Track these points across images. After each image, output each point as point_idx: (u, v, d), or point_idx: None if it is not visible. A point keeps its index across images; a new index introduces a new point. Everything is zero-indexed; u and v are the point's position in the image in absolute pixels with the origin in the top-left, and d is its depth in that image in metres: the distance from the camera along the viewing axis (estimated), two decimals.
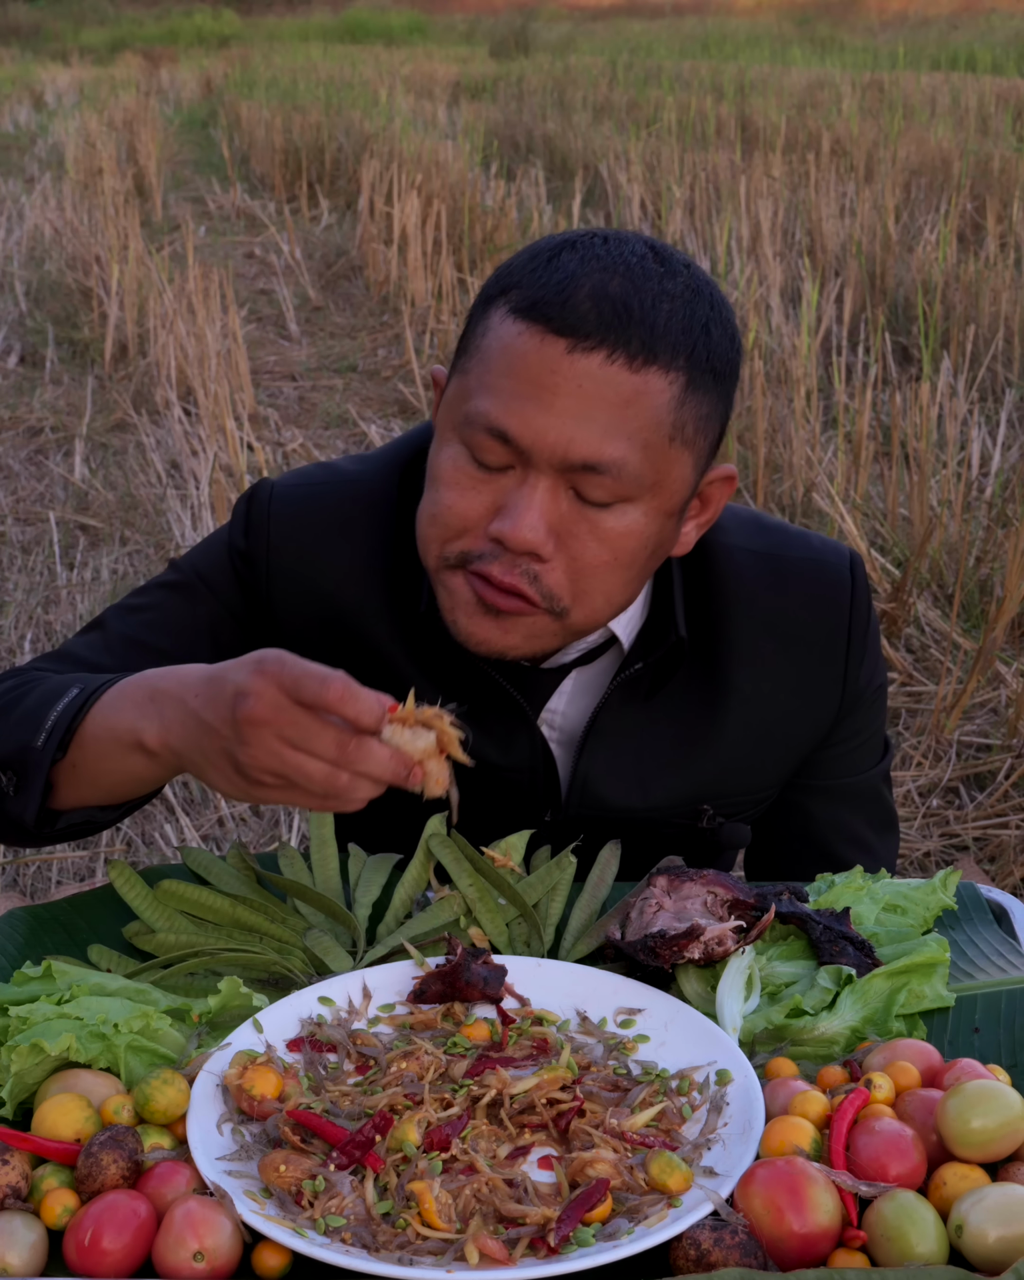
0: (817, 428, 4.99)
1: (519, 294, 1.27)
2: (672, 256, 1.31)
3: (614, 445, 1.25)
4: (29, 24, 28.42)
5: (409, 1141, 1.04)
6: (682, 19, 27.43)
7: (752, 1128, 1.06)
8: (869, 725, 1.58)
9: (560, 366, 1.24)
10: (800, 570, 1.50)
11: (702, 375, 1.28)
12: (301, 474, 1.54)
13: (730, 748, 1.49)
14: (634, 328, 1.24)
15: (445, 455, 1.31)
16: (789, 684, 1.49)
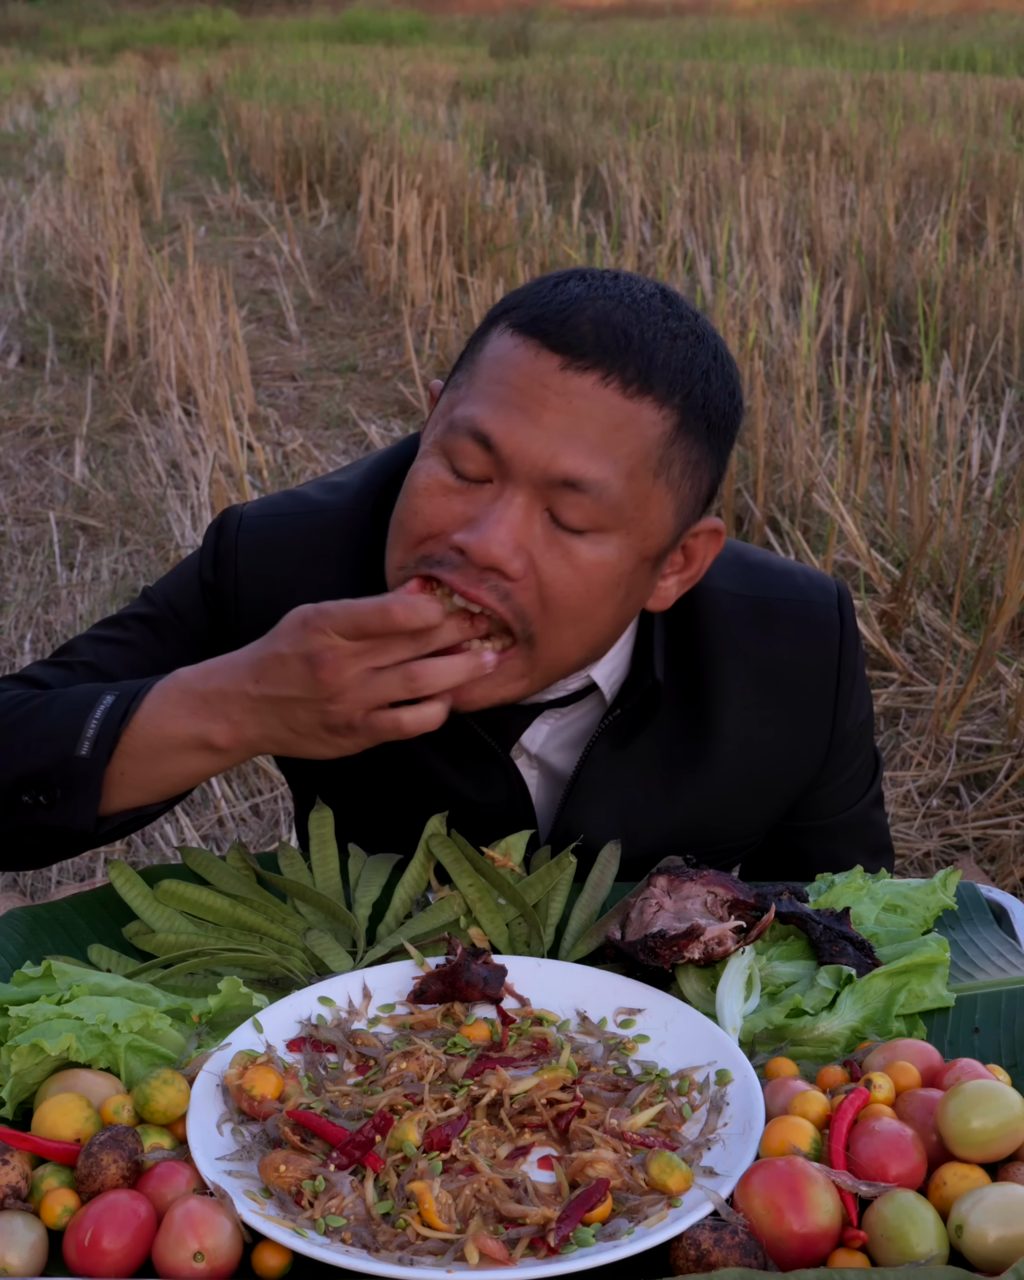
0: (817, 428, 4.99)
1: (521, 312, 1.26)
2: (680, 302, 1.29)
3: (599, 465, 1.23)
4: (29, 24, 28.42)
5: (409, 1141, 1.05)
6: (682, 19, 27.43)
7: (752, 1128, 1.06)
8: (858, 758, 1.57)
9: (552, 381, 1.22)
10: (787, 613, 1.48)
11: (695, 420, 1.26)
12: (269, 503, 1.52)
13: (715, 794, 1.47)
14: (632, 355, 1.22)
15: (422, 467, 1.29)
16: (776, 729, 1.47)
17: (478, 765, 1.47)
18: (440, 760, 1.47)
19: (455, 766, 1.47)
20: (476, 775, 1.48)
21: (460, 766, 1.47)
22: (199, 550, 1.52)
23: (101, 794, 1.31)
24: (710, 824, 1.49)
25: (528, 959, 1.29)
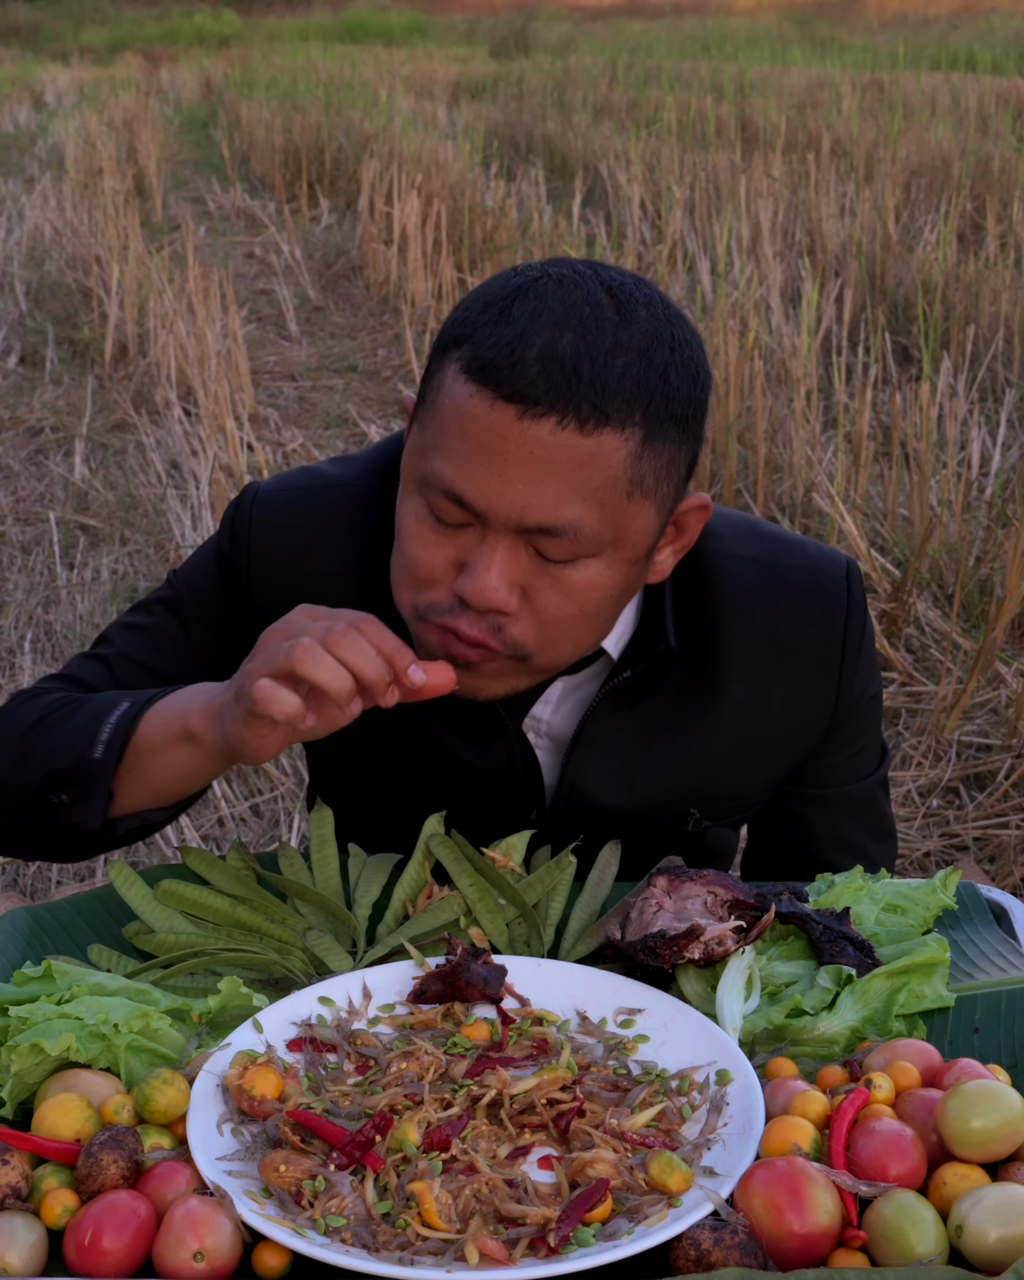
0: (817, 428, 4.99)
1: (471, 350, 1.24)
2: (630, 297, 1.26)
3: (569, 508, 1.24)
4: (29, 24, 28.42)
5: (409, 1142, 1.05)
6: (682, 19, 27.43)
7: (752, 1128, 1.06)
8: (865, 733, 1.58)
9: (511, 433, 1.22)
10: (797, 580, 1.49)
11: (660, 425, 1.25)
12: (285, 478, 1.55)
13: (720, 753, 1.49)
14: (584, 390, 1.21)
15: (408, 508, 1.31)
16: (782, 693, 1.49)
17: (480, 731, 1.49)
18: (442, 726, 1.49)
19: (459, 732, 1.48)
20: (477, 741, 1.49)
21: (464, 732, 1.48)
22: (218, 529, 1.56)
23: (113, 795, 1.37)
24: (714, 782, 1.50)
25: (528, 959, 1.29)
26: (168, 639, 1.54)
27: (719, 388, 4.99)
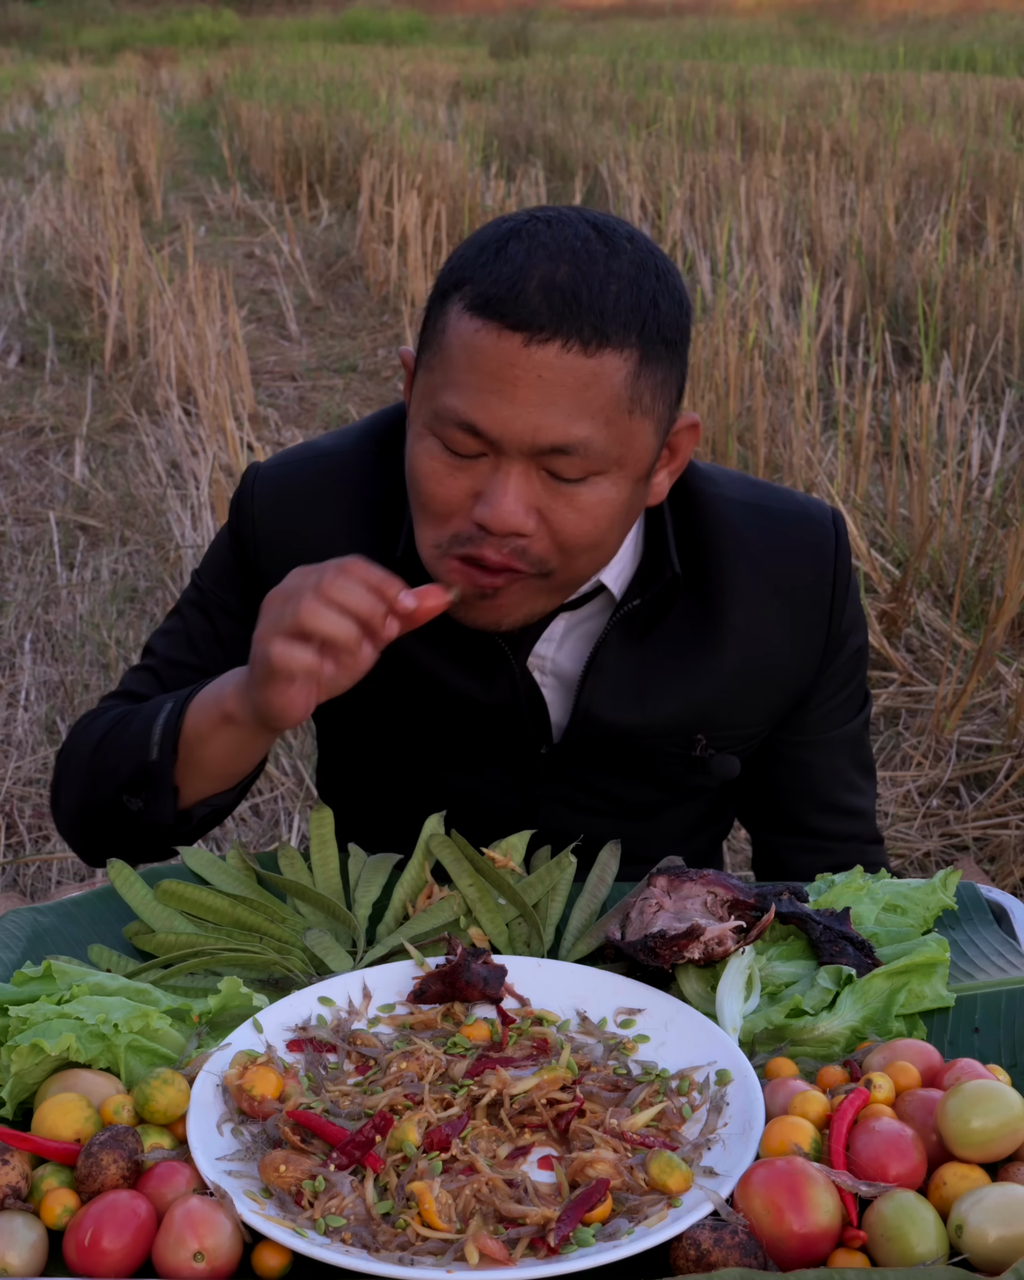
0: (817, 428, 4.99)
1: (473, 289, 1.32)
2: (614, 232, 1.35)
3: (578, 426, 1.31)
4: (29, 24, 28.41)
5: (409, 1141, 1.05)
6: (682, 19, 27.42)
7: (752, 1128, 1.06)
8: (854, 679, 1.66)
9: (519, 359, 1.29)
10: (788, 519, 1.58)
11: (654, 347, 1.33)
12: (284, 454, 1.65)
13: (725, 681, 1.55)
14: (585, 314, 1.29)
15: (420, 449, 1.38)
16: (779, 625, 1.56)
17: (484, 667, 1.54)
18: (447, 665, 1.55)
19: (463, 668, 1.54)
20: (482, 676, 1.54)
21: (468, 668, 1.54)
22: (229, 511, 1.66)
23: (178, 790, 1.46)
24: (718, 710, 1.57)
25: (528, 959, 1.29)
26: (201, 636, 1.62)
27: (719, 388, 5.00)
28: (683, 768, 1.59)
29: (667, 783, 1.61)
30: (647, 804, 1.63)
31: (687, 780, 1.61)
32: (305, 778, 3.42)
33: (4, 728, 3.72)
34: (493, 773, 1.59)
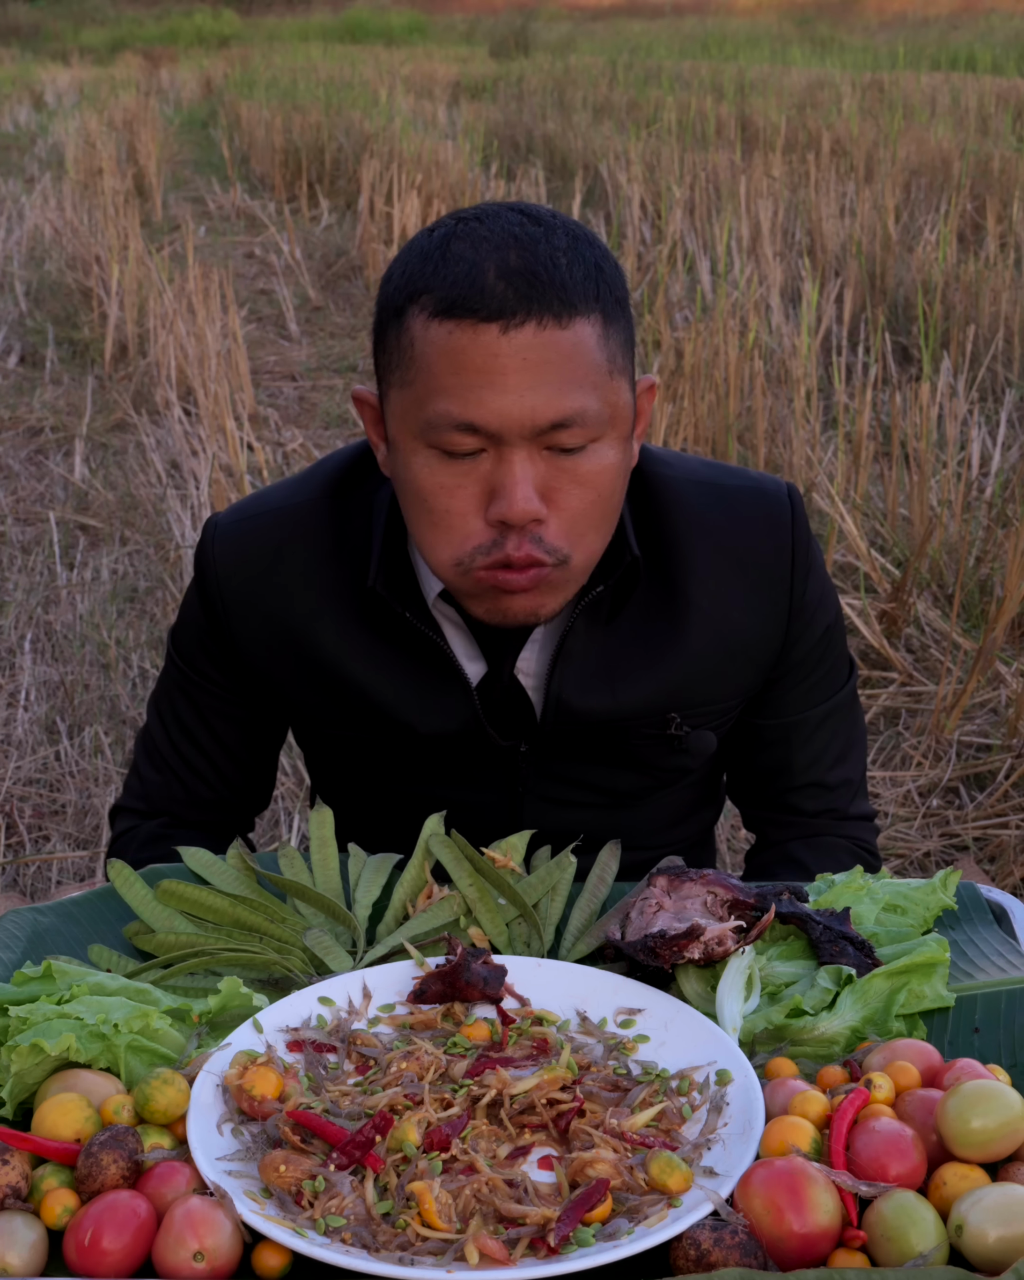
0: (817, 428, 4.99)
1: (433, 297, 1.34)
2: (539, 213, 1.39)
3: (571, 398, 1.34)
4: (29, 24, 28.41)
5: (409, 1141, 1.05)
6: (682, 19, 27.41)
7: (752, 1128, 1.06)
8: (829, 655, 1.67)
9: (500, 348, 1.32)
10: (742, 496, 1.60)
11: (610, 307, 1.38)
12: (238, 509, 1.65)
13: (694, 658, 1.57)
14: (549, 290, 1.32)
15: (417, 466, 1.39)
16: (741, 599, 1.58)
17: (442, 696, 1.56)
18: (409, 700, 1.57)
19: (422, 701, 1.57)
20: (443, 708, 1.56)
21: (426, 701, 1.57)
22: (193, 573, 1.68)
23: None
24: (689, 688, 1.59)
25: (528, 959, 1.29)
26: (192, 721, 1.68)
27: (719, 388, 5.00)
28: (661, 748, 1.61)
29: (647, 765, 1.62)
30: (631, 791, 1.64)
31: (667, 761, 1.62)
32: (305, 778, 3.42)
33: (4, 728, 3.72)
34: (474, 778, 1.61)
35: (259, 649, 1.61)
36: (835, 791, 1.72)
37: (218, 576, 1.61)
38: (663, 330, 5.46)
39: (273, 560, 1.59)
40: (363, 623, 1.56)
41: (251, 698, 1.66)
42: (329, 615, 1.57)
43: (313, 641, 1.58)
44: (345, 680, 1.57)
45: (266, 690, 1.64)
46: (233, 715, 1.68)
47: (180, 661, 1.68)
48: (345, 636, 1.57)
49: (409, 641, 1.55)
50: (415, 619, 1.52)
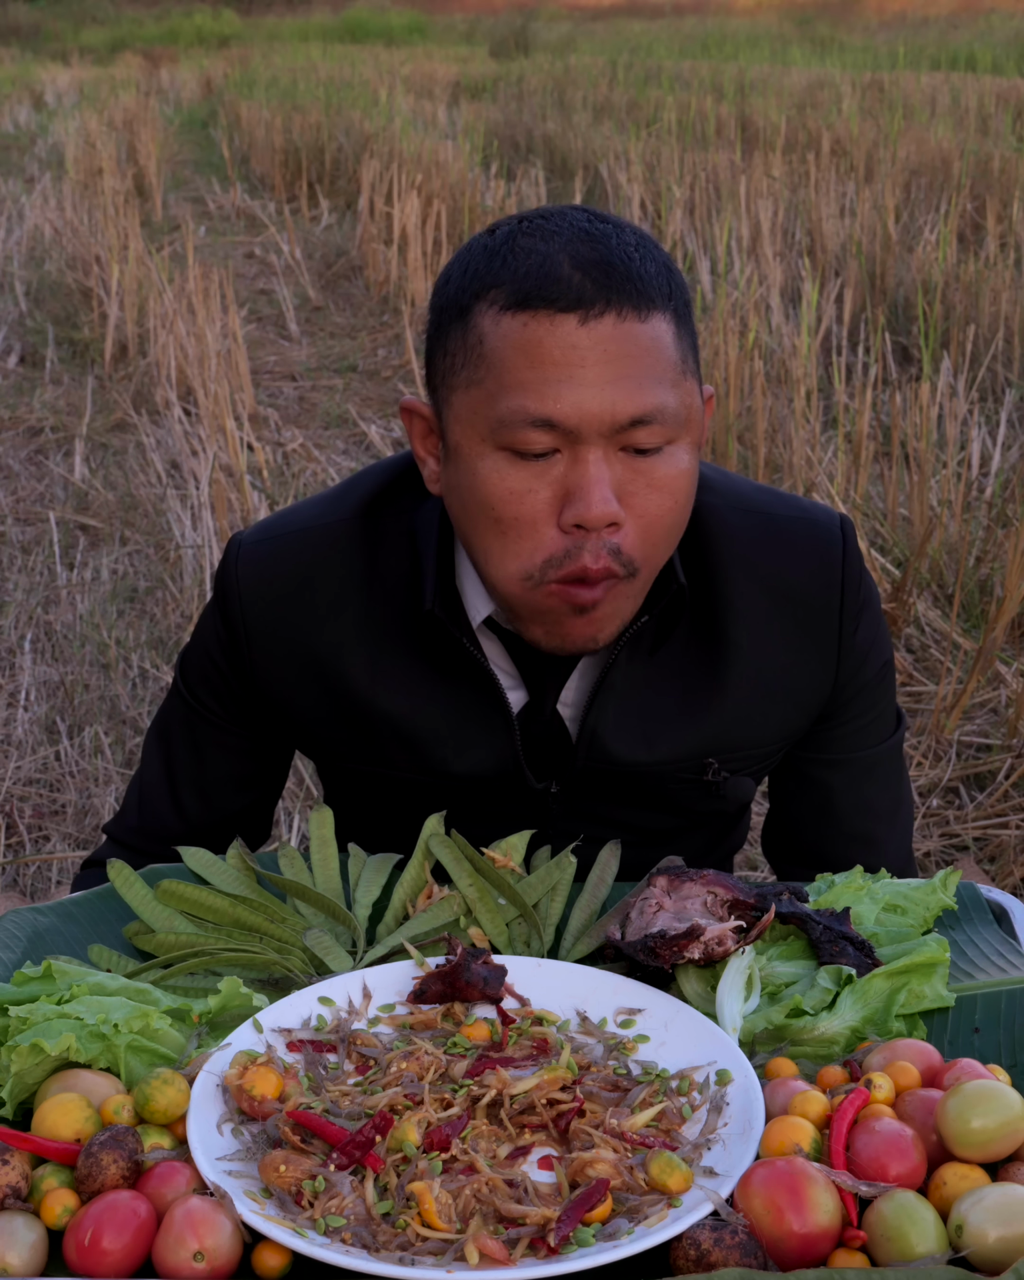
0: (817, 428, 4.99)
1: (505, 290, 1.29)
2: (603, 216, 1.35)
3: (651, 393, 1.29)
4: (29, 24, 28.40)
5: (409, 1142, 1.05)
6: (682, 19, 27.41)
7: (752, 1128, 1.06)
8: (879, 702, 1.60)
9: (580, 340, 1.27)
10: (791, 528, 1.52)
11: (682, 308, 1.34)
12: (265, 527, 1.56)
13: (733, 703, 1.50)
14: (627, 282, 1.28)
15: (484, 469, 1.31)
16: (786, 639, 1.50)
17: (483, 738, 1.50)
18: (451, 747, 1.51)
19: (465, 747, 1.50)
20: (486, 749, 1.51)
21: (468, 746, 1.51)
22: (212, 595, 1.58)
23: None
24: (728, 732, 1.52)
25: (528, 959, 1.29)
26: (195, 752, 1.61)
27: (719, 388, 4.99)
28: (696, 793, 1.54)
29: (680, 809, 1.56)
30: (661, 830, 1.58)
31: (700, 805, 1.56)
32: (305, 778, 3.42)
33: (4, 728, 3.72)
34: (500, 816, 1.52)
35: (281, 679, 1.52)
36: (883, 851, 1.63)
37: (241, 599, 1.51)
38: None
39: (301, 584, 1.50)
40: (400, 652, 1.48)
41: (259, 734, 1.59)
42: (361, 644, 1.49)
43: (341, 672, 1.50)
44: (376, 714, 1.50)
45: (282, 724, 1.57)
46: (230, 752, 1.61)
47: (184, 689, 1.61)
48: (379, 667, 1.49)
49: (454, 670, 1.47)
50: (470, 645, 1.44)
